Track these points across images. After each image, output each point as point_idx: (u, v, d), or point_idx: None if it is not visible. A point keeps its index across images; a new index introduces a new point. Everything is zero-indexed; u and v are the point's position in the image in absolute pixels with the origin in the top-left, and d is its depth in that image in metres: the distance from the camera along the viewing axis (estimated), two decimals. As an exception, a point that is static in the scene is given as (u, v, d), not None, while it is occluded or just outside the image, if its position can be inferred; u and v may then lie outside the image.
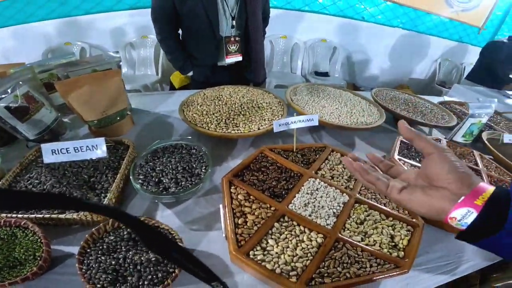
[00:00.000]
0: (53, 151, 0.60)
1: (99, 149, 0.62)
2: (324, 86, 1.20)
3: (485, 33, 3.85)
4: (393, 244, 0.56)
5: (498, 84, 2.62)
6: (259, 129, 0.82)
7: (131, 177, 0.63)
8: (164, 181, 0.64)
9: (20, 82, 0.76)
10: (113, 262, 0.47)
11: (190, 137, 0.77)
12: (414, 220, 0.61)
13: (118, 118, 0.89)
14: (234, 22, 1.24)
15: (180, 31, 1.37)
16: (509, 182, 0.88)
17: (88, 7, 2.45)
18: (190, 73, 1.44)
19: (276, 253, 0.50)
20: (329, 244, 0.52)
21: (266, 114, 0.90)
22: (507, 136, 1.17)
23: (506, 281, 1.57)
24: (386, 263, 0.52)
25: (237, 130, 0.80)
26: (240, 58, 1.34)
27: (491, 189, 0.30)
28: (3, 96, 0.70)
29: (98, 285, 0.44)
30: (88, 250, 0.49)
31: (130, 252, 0.48)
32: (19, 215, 0.53)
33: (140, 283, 0.45)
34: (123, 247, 0.50)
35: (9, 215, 0.53)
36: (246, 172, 0.65)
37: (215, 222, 0.62)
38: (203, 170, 0.67)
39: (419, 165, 0.81)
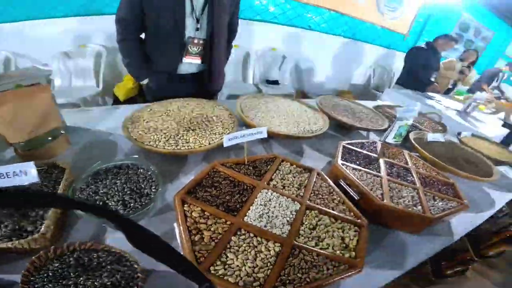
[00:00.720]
0: (-29, 180, 0.52)
1: (28, 174, 0.55)
2: (273, 97, 1.26)
3: (409, 40, 4.38)
4: (344, 245, 0.60)
5: (421, 87, 3.01)
6: (209, 143, 0.82)
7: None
8: (110, 204, 0.60)
9: None
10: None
11: (136, 156, 0.74)
12: (359, 220, 0.66)
13: (50, 138, 0.80)
14: (199, 25, 1.21)
15: (143, 36, 1.30)
16: (436, 177, 1.01)
17: (16, 14, 2.17)
18: (145, 81, 1.35)
19: (237, 266, 0.50)
20: (287, 252, 0.55)
21: (217, 128, 0.90)
22: (430, 135, 1.35)
23: (457, 268, 1.79)
24: (341, 264, 0.55)
25: (188, 146, 0.79)
26: (198, 61, 1.30)
27: None
28: None
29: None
30: (32, 278, 0.44)
31: (81, 278, 0.44)
32: None
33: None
34: (71, 273, 0.45)
35: None
36: (199, 189, 0.65)
37: (171, 240, 0.61)
38: (152, 190, 0.65)
39: (360, 168, 0.89)
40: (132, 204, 0.61)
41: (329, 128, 1.33)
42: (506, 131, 2.36)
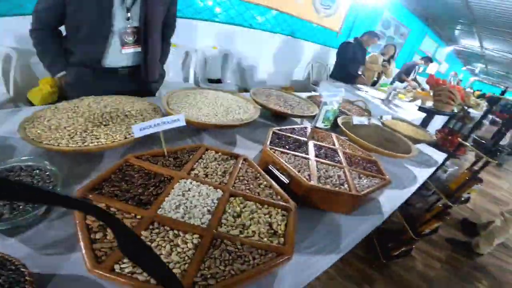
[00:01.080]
0: None
1: None
2: (202, 90, 1.22)
3: (342, 37, 4.75)
4: (272, 231, 0.57)
5: (351, 79, 3.29)
6: (126, 138, 0.74)
7: None
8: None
9: None
10: None
11: (31, 157, 0.63)
12: (286, 204, 0.65)
13: None
14: (129, 15, 1.11)
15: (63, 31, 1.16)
16: (361, 156, 1.08)
17: None
18: (61, 74, 1.18)
19: None
20: (206, 243, 0.50)
21: (136, 122, 0.83)
22: (356, 119, 1.45)
23: (402, 249, 1.95)
24: (269, 253, 0.52)
25: (97, 142, 0.71)
26: (139, 49, 1.21)
27: None
28: None
29: None
30: None
31: None
32: None
33: None
34: None
35: None
36: (106, 184, 0.57)
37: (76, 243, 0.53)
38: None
39: (289, 152, 0.90)
40: (21, 207, 0.52)
41: (264, 118, 1.34)
42: (423, 115, 2.69)
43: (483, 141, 1.47)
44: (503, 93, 1.32)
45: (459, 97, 2.23)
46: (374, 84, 3.99)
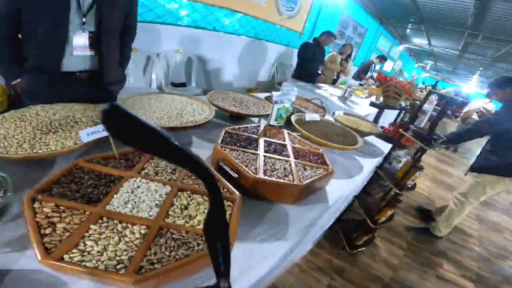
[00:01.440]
0: None
1: None
2: (158, 94, 1.25)
3: (304, 37, 4.94)
4: None
5: (312, 78, 3.46)
6: (76, 143, 0.77)
7: None
8: None
9: None
10: None
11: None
12: (232, 196, 0.71)
13: None
14: (84, 20, 1.12)
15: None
16: (308, 150, 1.17)
17: None
18: (16, 81, 1.16)
19: (98, 251, 0.49)
20: (153, 232, 0.55)
21: (86, 128, 0.85)
22: (308, 115, 1.57)
23: (364, 238, 2.09)
24: None
25: (47, 148, 0.73)
26: (89, 53, 1.21)
27: None
28: None
29: None
30: None
31: None
32: None
33: None
34: None
35: None
36: (55, 186, 0.61)
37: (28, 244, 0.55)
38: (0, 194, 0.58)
39: (238, 148, 0.98)
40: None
41: (222, 119, 1.41)
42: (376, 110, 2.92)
43: (421, 132, 1.66)
44: (434, 85, 1.50)
45: (405, 92, 2.46)
46: (334, 82, 4.23)
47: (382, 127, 2.43)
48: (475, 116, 3.75)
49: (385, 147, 1.84)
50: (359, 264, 2.02)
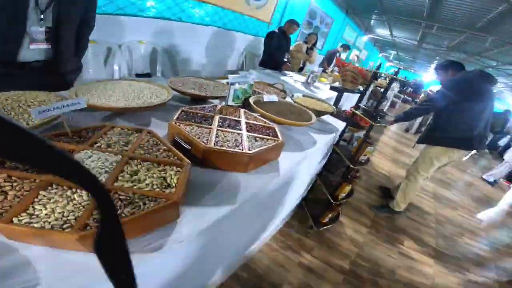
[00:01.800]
0: None
1: None
2: (115, 81, 1.28)
3: (272, 27, 5.00)
4: (166, 184, 0.68)
5: (278, 66, 3.57)
6: (28, 124, 0.80)
7: None
8: None
9: None
10: None
11: None
12: (182, 162, 0.77)
13: None
14: (42, 16, 1.16)
15: None
16: (262, 125, 1.24)
17: None
18: None
19: (46, 214, 0.54)
20: None
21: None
22: (266, 96, 1.66)
23: (329, 215, 2.19)
24: (159, 199, 0.62)
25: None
26: (45, 46, 1.24)
27: None
28: None
29: None
30: None
31: None
32: None
33: None
34: None
35: None
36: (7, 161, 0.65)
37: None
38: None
39: (193, 124, 1.04)
40: None
41: (183, 102, 1.46)
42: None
43: (369, 109, 1.82)
44: (396, 73, 1.65)
45: (361, 76, 2.64)
46: (300, 70, 4.37)
47: (344, 110, 2.60)
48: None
49: (341, 125, 1.99)
50: (327, 242, 2.13)
